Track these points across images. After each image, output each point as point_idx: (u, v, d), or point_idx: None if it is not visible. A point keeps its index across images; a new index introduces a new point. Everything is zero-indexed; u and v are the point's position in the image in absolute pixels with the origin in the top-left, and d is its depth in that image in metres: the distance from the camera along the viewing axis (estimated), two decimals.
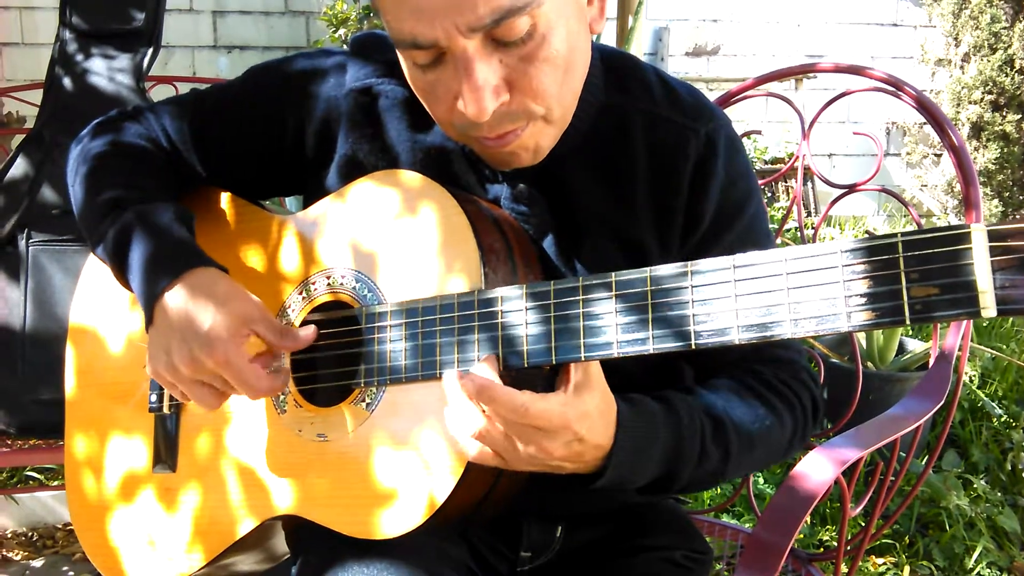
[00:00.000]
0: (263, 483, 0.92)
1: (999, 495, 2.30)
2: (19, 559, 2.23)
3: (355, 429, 0.87)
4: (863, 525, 1.27)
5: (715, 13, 4.45)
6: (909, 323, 0.59)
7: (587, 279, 0.74)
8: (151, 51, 2.00)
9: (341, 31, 3.26)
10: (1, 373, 1.82)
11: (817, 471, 0.96)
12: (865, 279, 0.61)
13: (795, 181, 1.50)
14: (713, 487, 1.02)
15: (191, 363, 0.85)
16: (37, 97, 2.01)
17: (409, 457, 0.83)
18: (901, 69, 4.43)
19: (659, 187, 0.91)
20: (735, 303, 0.66)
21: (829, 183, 1.49)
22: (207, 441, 0.98)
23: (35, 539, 2.33)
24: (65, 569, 2.18)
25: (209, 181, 1.04)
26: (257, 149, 1.00)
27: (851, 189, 1.45)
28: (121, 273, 0.93)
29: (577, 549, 1.01)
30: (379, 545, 0.83)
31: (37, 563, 2.21)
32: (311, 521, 0.88)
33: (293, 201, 2.29)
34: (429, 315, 0.82)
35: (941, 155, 4.42)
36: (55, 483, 2.41)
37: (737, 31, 4.48)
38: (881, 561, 2.13)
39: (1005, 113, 4.08)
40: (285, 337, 0.89)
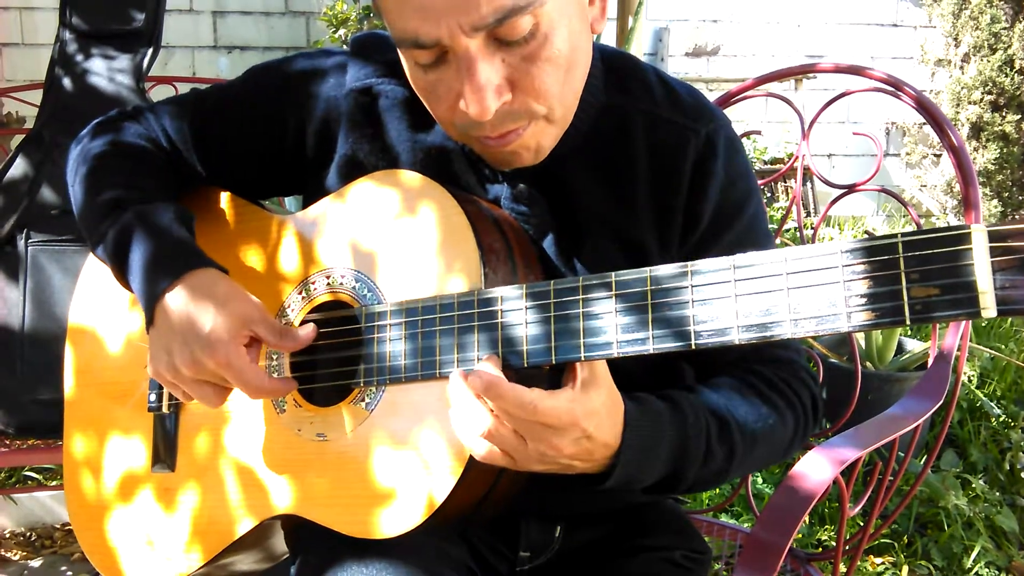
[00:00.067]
0: (262, 483, 0.92)
1: (997, 495, 2.30)
2: (17, 559, 2.23)
3: (354, 429, 0.87)
4: (862, 525, 1.27)
5: (715, 13, 4.45)
6: (909, 323, 0.59)
7: (587, 279, 0.74)
8: (151, 51, 2.00)
9: (341, 31, 3.26)
10: (0, 373, 1.82)
11: (816, 471, 0.96)
12: (865, 279, 0.61)
13: (795, 181, 1.50)
14: (717, 487, 1.02)
15: (193, 364, 0.85)
16: (37, 97, 2.01)
17: (408, 457, 0.83)
18: (901, 69, 4.43)
19: (659, 187, 0.91)
20: (735, 303, 0.66)
21: (829, 183, 1.49)
22: (206, 441, 0.98)
23: (33, 539, 2.33)
24: (63, 569, 2.17)
25: (209, 181, 1.04)
26: (257, 149, 1.00)
27: (851, 189, 1.45)
28: (121, 274, 0.93)
29: (576, 549, 1.01)
30: (378, 545, 0.83)
31: (35, 563, 2.21)
32: (310, 521, 0.88)
33: (293, 201, 2.29)
34: (429, 315, 0.82)
35: (941, 155, 4.42)
36: (54, 483, 2.41)
37: (737, 31, 4.48)
38: (880, 561, 2.13)
39: (1005, 113, 4.09)
40: (285, 337, 0.89)
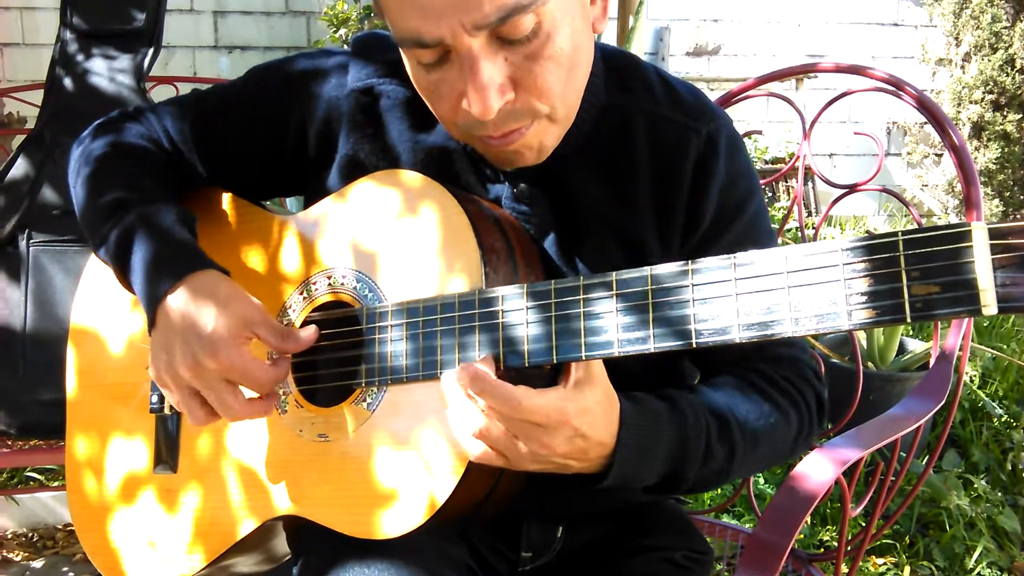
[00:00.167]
0: (264, 484, 0.92)
1: (999, 495, 2.29)
2: (19, 560, 2.23)
3: (356, 429, 0.87)
4: (863, 525, 1.26)
5: (716, 13, 4.45)
6: (910, 321, 0.59)
7: (587, 278, 0.74)
8: (152, 51, 2.00)
9: (342, 31, 3.26)
10: (2, 373, 1.82)
11: (817, 471, 0.96)
12: (866, 277, 0.61)
13: (796, 181, 1.50)
14: (719, 487, 1.01)
15: (194, 366, 0.85)
16: (38, 97, 2.01)
17: (410, 457, 0.83)
18: (902, 69, 4.43)
19: (660, 187, 0.91)
20: (736, 302, 0.66)
21: (830, 183, 1.49)
22: (208, 442, 0.98)
23: (35, 540, 2.33)
24: (65, 570, 2.18)
25: (210, 181, 1.04)
26: (259, 149, 1.00)
27: (852, 189, 1.45)
28: (123, 275, 0.93)
29: (577, 549, 1.01)
30: (380, 545, 0.83)
31: (37, 564, 2.21)
32: (312, 521, 0.88)
33: (293, 201, 2.29)
34: (430, 315, 0.82)
35: (942, 155, 4.42)
36: (55, 484, 2.41)
37: (738, 31, 4.48)
38: (881, 561, 2.13)
39: (1006, 113, 4.08)
40: (286, 339, 0.89)
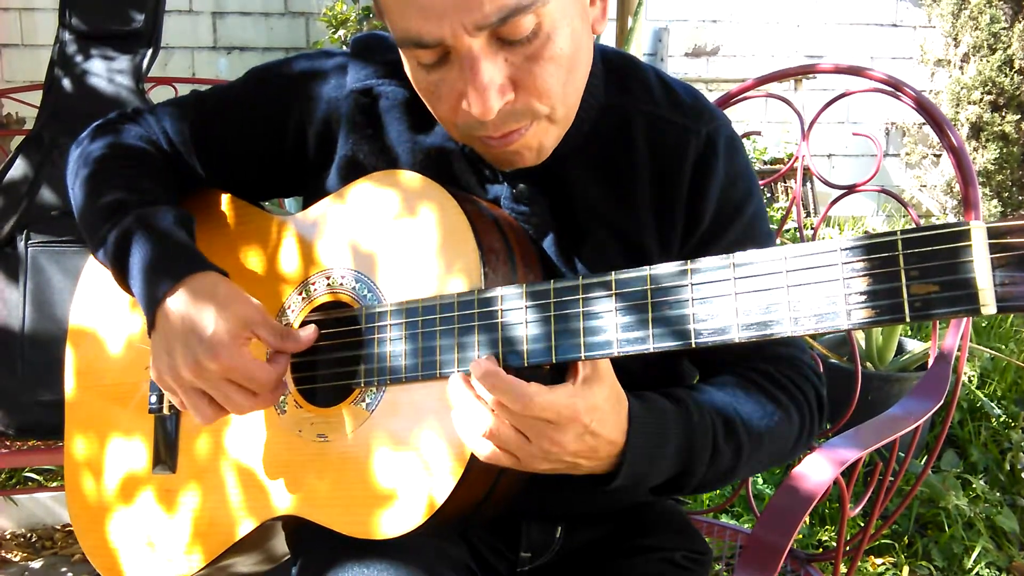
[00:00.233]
0: (263, 484, 0.92)
1: (998, 495, 2.30)
2: (18, 560, 2.22)
3: (355, 429, 0.87)
4: (862, 525, 1.27)
5: (715, 14, 4.46)
6: (909, 320, 0.59)
7: (586, 278, 0.74)
8: (150, 52, 2.00)
9: (341, 32, 3.27)
10: (0, 374, 1.82)
11: (816, 471, 0.96)
12: (865, 277, 0.61)
13: (794, 182, 1.50)
14: (724, 486, 1.01)
15: (195, 368, 0.85)
16: (36, 98, 2.01)
17: (409, 457, 0.83)
18: (900, 70, 4.44)
19: (660, 187, 0.91)
20: (735, 301, 0.66)
21: (828, 184, 1.49)
22: (207, 442, 0.98)
23: (34, 540, 2.33)
24: (64, 570, 2.17)
25: (209, 182, 1.04)
26: (258, 150, 1.00)
27: (850, 190, 1.46)
28: (122, 277, 0.93)
29: (577, 549, 1.01)
30: (379, 545, 0.83)
31: (36, 564, 2.21)
32: (311, 522, 0.88)
33: (292, 202, 2.29)
34: (429, 315, 0.82)
35: (940, 155, 4.43)
36: (54, 484, 2.41)
37: (737, 32, 4.49)
38: (880, 561, 2.13)
39: (1004, 113, 4.09)
40: (286, 339, 0.89)
